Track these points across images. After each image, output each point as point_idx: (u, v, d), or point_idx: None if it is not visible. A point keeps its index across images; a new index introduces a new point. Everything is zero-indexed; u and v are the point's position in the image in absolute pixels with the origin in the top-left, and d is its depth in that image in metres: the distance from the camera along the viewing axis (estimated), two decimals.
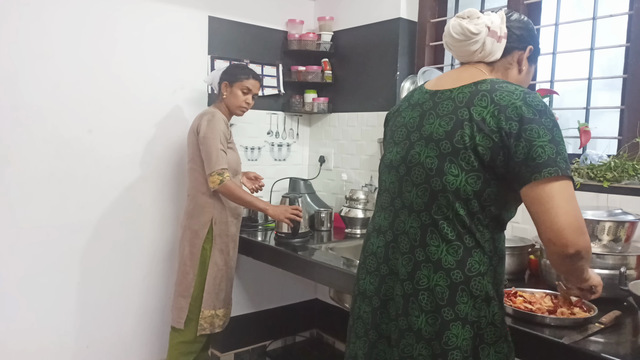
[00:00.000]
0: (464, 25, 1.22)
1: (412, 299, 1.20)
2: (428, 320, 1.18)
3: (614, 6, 2.07)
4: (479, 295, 1.17)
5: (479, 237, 1.18)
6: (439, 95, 1.25)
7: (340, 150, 3.03)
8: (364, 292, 1.33)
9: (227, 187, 2.18)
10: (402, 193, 1.26)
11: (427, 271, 1.19)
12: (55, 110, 2.31)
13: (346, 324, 1.41)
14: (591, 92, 2.13)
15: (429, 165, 1.19)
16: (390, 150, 1.32)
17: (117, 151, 2.50)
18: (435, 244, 1.18)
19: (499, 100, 1.13)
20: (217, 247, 2.28)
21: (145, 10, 2.52)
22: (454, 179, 1.16)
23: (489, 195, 1.16)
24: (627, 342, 1.27)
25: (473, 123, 1.14)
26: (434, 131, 1.20)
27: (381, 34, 2.74)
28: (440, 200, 1.18)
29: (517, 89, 1.15)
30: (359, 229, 2.67)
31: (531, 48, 1.29)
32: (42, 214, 2.32)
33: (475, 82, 1.21)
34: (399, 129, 1.31)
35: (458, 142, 1.15)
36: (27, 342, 2.33)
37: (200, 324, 2.27)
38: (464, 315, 1.16)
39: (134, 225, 2.58)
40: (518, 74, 1.30)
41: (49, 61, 2.28)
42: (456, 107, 1.19)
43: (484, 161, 1.13)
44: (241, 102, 2.34)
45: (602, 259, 1.58)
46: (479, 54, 1.24)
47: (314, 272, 2.17)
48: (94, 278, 2.49)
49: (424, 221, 1.20)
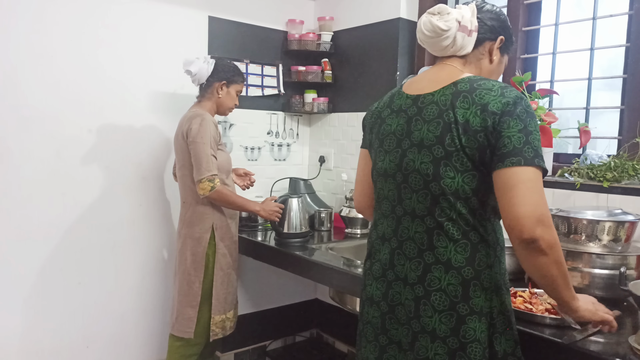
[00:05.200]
0: (433, 22, 1.23)
1: (423, 301, 1.21)
2: (442, 319, 1.19)
3: (614, 6, 2.07)
4: (489, 287, 1.20)
5: (483, 232, 1.20)
6: (421, 100, 1.26)
7: (340, 150, 3.03)
8: (372, 297, 1.34)
9: (219, 193, 2.12)
10: (403, 200, 1.27)
11: (438, 273, 1.20)
12: (55, 110, 2.31)
13: (346, 324, 1.42)
14: (591, 92, 2.13)
15: (425, 171, 1.21)
16: (382, 158, 1.33)
17: (117, 151, 2.50)
18: (443, 245, 1.20)
19: (480, 100, 1.15)
20: (220, 251, 2.25)
21: (145, 10, 2.52)
22: (451, 182, 1.17)
23: (486, 190, 1.18)
24: (627, 342, 1.27)
25: (458, 126, 1.15)
26: (424, 137, 1.21)
27: (381, 34, 2.74)
28: (442, 203, 1.19)
29: (494, 85, 1.17)
30: (359, 229, 2.67)
31: (502, 38, 1.30)
32: (42, 214, 2.32)
33: (454, 82, 1.22)
34: (388, 137, 1.31)
35: (449, 146, 1.17)
36: (27, 342, 2.33)
37: (213, 330, 2.24)
38: (479, 308, 1.18)
39: (134, 225, 2.58)
40: (489, 64, 1.31)
41: (49, 61, 2.28)
42: (441, 111, 1.20)
43: (475, 161, 1.15)
44: (233, 104, 2.33)
45: (602, 259, 1.58)
46: (451, 48, 1.26)
47: (314, 272, 2.17)
48: (94, 278, 2.49)
49: (429, 225, 1.22)
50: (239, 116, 2.84)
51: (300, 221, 2.49)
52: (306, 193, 2.88)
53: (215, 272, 2.24)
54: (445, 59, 1.29)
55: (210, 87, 2.27)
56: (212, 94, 2.27)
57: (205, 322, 2.25)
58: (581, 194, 1.94)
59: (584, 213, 1.65)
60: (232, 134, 2.89)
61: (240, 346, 2.95)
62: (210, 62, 2.25)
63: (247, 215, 2.68)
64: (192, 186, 2.19)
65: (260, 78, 2.94)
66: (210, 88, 2.27)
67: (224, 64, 2.29)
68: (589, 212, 1.66)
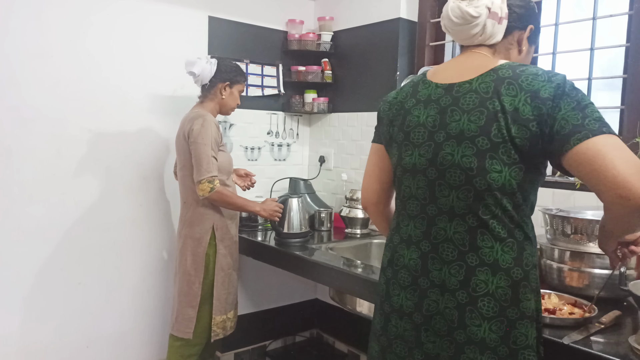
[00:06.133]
0: (463, 8, 1.16)
1: (469, 308, 1.12)
2: (492, 327, 1.10)
3: (614, 6, 2.07)
4: (536, 288, 1.14)
5: (526, 229, 1.14)
6: (456, 89, 1.17)
7: (340, 150, 3.03)
8: (401, 309, 1.23)
9: (219, 194, 2.12)
10: (437, 198, 1.17)
11: (484, 275, 1.11)
12: (55, 110, 2.31)
13: (346, 324, 1.40)
14: (591, 92, 2.13)
15: (468, 165, 1.11)
16: (409, 153, 1.22)
17: (117, 151, 2.50)
18: (489, 245, 1.11)
19: (528, 86, 1.08)
20: (221, 252, 2.25)
21: (145, 10, 2.52)
22: (498, 176, 1.09)
23: (530, 185, 1.12)
24: (627, 342, 1.26)
25: (507, 114, 1.07)
26: (464, 128, 1.12)
27: (381, 34, 2.74)
28: (487, 199, 1.11)
29: (538, 69, 1.10)
30: (359, 229, 2.67)
31: (532, 27, 1.23)
32: (42, 214, 2.32)
33: (493, 69, 1.14)
34: (416, 130, 1.21)
35: (496, 136, 1.08)
36: (27, 342, 2.33)
37: (214, 330, 2.24)
38: (530, 312, 1.12)
39: (134, 225, 2.58)
40: (518, 54, 1.24)
41: (49, 61, 2.28)
42: (483, 99, 1.11)
43: (523, 153, 1.08)
44: (236, 104, 2.34)
45: (602, 258, 1.58)
46: (479, 37, 1.18)
47: (314, 272, 2.17)
48: (94, 278, 2.49)
49: (471, 224, 1.13)
50: (239, 116, 2.84)
51: (300, 221, 2.49)
52: (306, 193, 2.89)
53: (216, 273, 2.24)
54: (473, 47, 1.21)
55: (213, 88, 2.26)
56: (216, 95, 2.27)
57: (206, 322, 2.24)
58: (581, 194, 1.94)
59: (584, 213, 1.65)
60: (232, 134, 2.89)
61: (240, 346, 2.95)
62: (213, 63, 2.24)
63: (247, 216, 2.68)
64: (193, 186, 2.18)
65: (260, 78, 2.94)
66: (214, 89, 2.26)
67: (227, 64, 2.28)
68: (589, 212, 1.66)
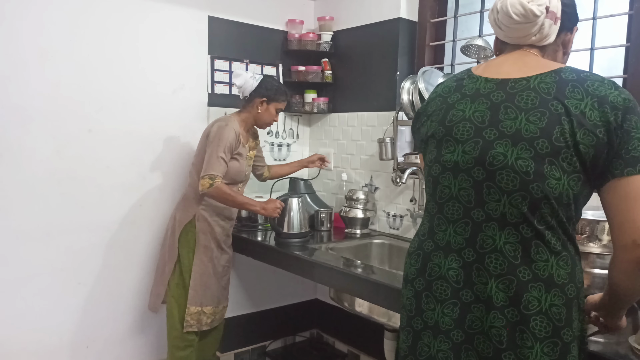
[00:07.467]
0: (526, 5, 1.07)
1: (520, 328, 1.03)
2: (544, 350, 1.01)
3: (614, 6, 2.07)
4: (583, 307, 1.08)
5: (577, 243, 1.08)
6: (511, 85, 1.09)
7: (340, 150, 3.03)
8: (436, 325, 1.12)
9: (218, 189, 2.18)
10: (485, 202, 1.07)
11: (537, 292, 1.02)
12: (55, 110, 2.31)
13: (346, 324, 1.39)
14: None
15: (524, 168, 1.02)
16: (451, 149, 1.12)
17: (117, 151, 2.50)
18: (544, 259, 1.03)
19: (595, 92, 1.01)
20: (201, 243, 2.31)
21: (145, 10, 2.51)
22: (556, 183, 1.01)
23: (585, 198, 1.07)
24: (627, 342, 1.27)
25: (572, 118, 1.00)
26: (522, 128, 1.03)
27: (381, 34, 2.74)
28: (543, 208, 1.03)
29: (603, 78, 1.05)
30: (359, 229, 2.67)
31: (577, 28, 1.17)
32: (42, 214, 2.32)
33: (555, 70, 1.07)
34: (460, 124, 1.12)
35: (558, 140, 1.00)
36: (27, 342, 2.32)
37: (187, 320, 2.29)
38: (579, 332, 1.06)
39: (134, 225, 2.58)
40: (562, 56, 1.18)
41: (49, 61, 2.28)
42: (544, 100, 1.03)
43: (586, 161, 1.01)
44: (272, 120, 2.41)
45: (602, 259, 1.57)
46: (533, 36, 1.11)
47: (314, 272, 2.17)
48: (94, 278, 2.49)
49: (525, 234, 1.04)
50: None
51: (300, 221, 2.49)
52: (306, 193, 2.89)
53: (194, 262, 2.29)
54: (526, 47, 1.13)
55: (251, 102, 2.37)
56: (252, 108, 2.37)
57: (183, 311, 2.30)
58: None
59: (584, 213, 1.65)
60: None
61: (240, 346, 2.95)
62: (257, 79, 2.36)
63: (247, 215, 2.69)
64: (194, 177, 2.33)
65: None
66: (251, 102, 2.37)
67: (269, 82, 2.39)
68: (589, 212, 1.65)
